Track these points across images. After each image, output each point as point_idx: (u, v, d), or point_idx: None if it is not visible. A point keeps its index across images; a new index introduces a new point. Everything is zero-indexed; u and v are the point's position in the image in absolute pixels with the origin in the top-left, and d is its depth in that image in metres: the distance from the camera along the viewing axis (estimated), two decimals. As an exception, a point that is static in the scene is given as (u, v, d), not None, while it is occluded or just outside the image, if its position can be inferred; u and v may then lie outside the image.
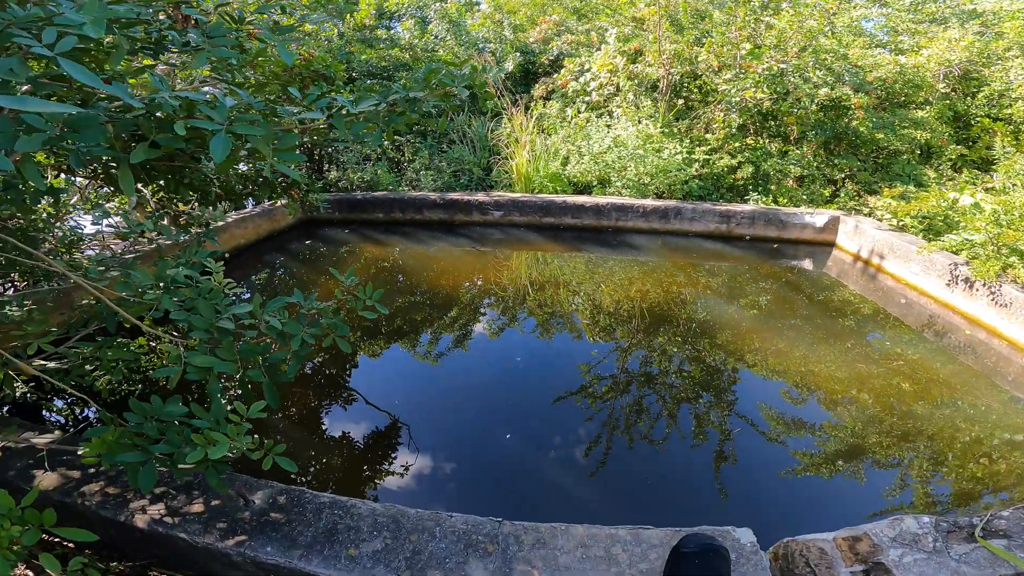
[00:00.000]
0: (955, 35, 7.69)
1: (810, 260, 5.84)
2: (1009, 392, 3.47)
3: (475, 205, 6.37)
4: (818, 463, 2.85)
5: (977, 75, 7.58)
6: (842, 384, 3.50)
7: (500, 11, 12.36)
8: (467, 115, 8.01)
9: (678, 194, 6.32)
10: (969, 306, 4.40)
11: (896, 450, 2.93)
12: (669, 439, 2.98)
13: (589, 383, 3.53)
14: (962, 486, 2.69)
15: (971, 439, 3.02)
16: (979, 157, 6.98)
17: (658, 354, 3.92)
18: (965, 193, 4.92)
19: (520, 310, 4.70)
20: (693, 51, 7.28)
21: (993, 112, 7.20)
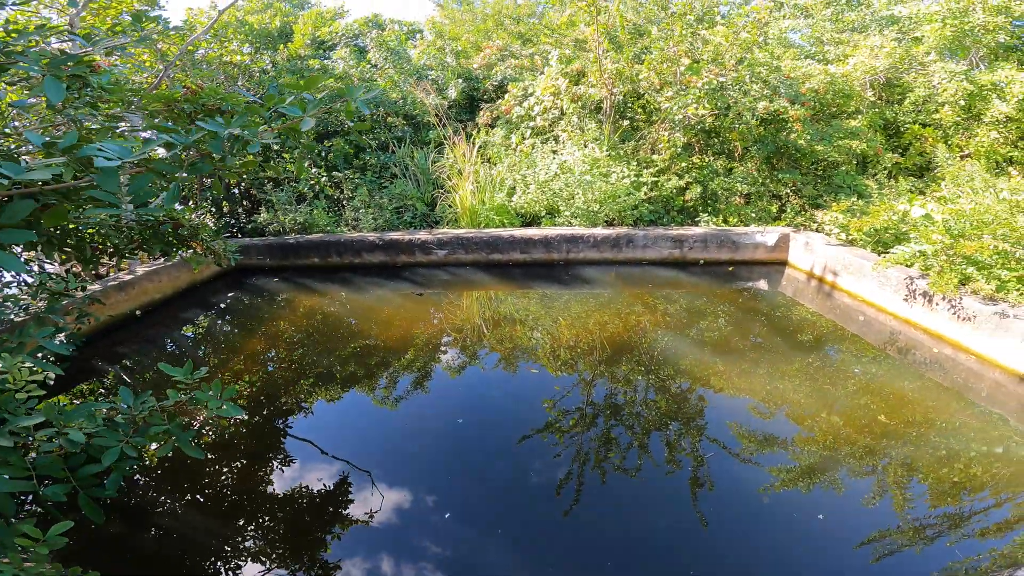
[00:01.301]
0: (877, 42, 7.82)
1: (765, 280, 5.72)
2: (983, 407, 3.37)
3: (417, 245, 5.96)
4: (795, 487, 2.72)
5: (900, 82, 7.74)
6: (811, 406, 3.39)
7: (442, 38, 12.19)
8: (409, 146, 7.65)
9: (629, 220, 6.11)
10: (930, 321, 4.30)
11: (877, 471, 2.84)
12: (641, 470, 2.86)
13: (554, 419, 3.37)
14: (951, 504, 2.62)
15: (950, 455, 2.92)
16: (913, 164, 7.11)
17: (621, 387, 3.74)
18: (915, 204, 4.88)
19: (473, 354, 4.37)
20: (634, 69, 7.20)
21: (920, 118, 7.35)
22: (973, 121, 7.07)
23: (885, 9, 9.00)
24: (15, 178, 1.38)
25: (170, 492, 2.84)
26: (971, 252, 4.08)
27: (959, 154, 6.93)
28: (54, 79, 1.67)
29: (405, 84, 8.44)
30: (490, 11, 14.23)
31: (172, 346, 4.90)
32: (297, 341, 4.70)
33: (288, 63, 9.16)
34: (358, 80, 8.75)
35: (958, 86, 6.99)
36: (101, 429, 1.79)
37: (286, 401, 3.76)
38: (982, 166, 6.55)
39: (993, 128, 6.78)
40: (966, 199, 4.72)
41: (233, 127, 1.77)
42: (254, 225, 6.89)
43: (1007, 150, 6.72)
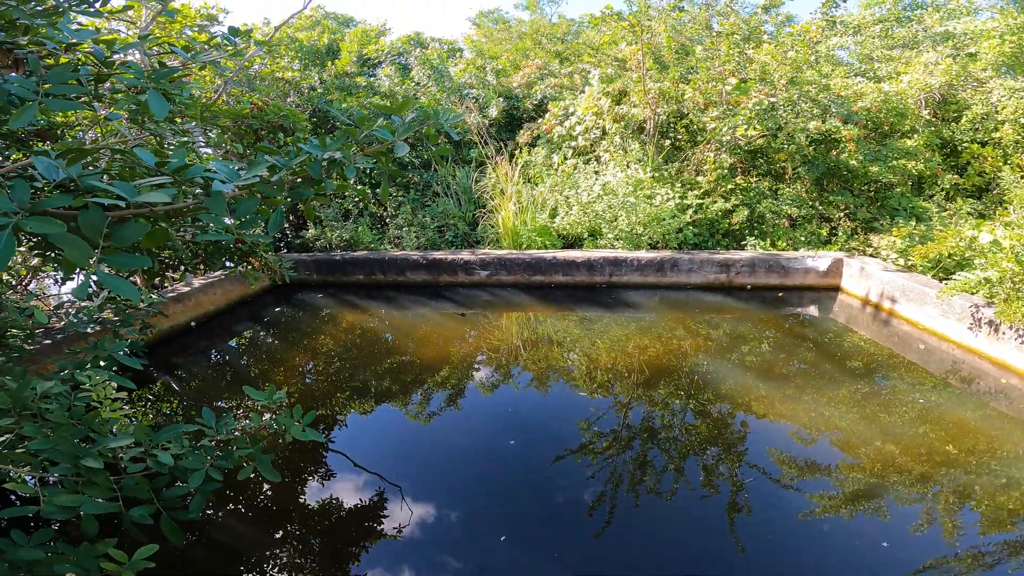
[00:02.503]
0: (931, 59, 7.56)
1: (816, 307, 5.54)
2: None
3: (460, 265, 6.02)
4: (841, 513, 2.65)
5: (956, 99, 7.45)
6: (866, 434, 3.28)
7: (482, 56, 12.40)
8: (451, 165, 7.77)
9: (673, 243, 6.04)
10: (997, 350, 4.12)
11: (935, 499, 2.75)
12: (677, 494, 2.81)
13: (589, 440, 3.35)
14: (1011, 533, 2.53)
15: (1010, 483, 2.81)
16: (972, 185, 6.80)
17: (659, 410, 3.70)
18: (983, 230, 4.67)
19: (510, 373, 4.39)
20: (679, 89, 7.14)
21: (978, 136, 7.05)
22: None
23: (938, 25, 8.71)
24: (130, 200, 1.33)
25: (209, 504, 2.90)
26: (1045, 280, 3.89)
27: (1020, 174, 6.61)
28: (157, 93, 1.68)
29: (447, 102, 8.61)
30: (527, 29, 14.40)
31: (225, 356, 5.08)
32: (338, 355, 4.81)
33: (335, 80, 9.48)
34: (402, 98, 8.97)
35: (1018, 103, 6.68)
36: (187, 451, 1.83)
37: (324, 414, 3.85)
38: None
39: (1055, 146, 6.47)
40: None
41: (331, 150, 1.78)
42: (302, 240, 7.10)
43: (1072, 169, 6.39)
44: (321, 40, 13.19)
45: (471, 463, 3.19)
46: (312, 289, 6.61)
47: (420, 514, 2.76)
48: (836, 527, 2.57)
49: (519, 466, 3.12)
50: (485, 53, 12.76)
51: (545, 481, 2.95)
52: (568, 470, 3.03)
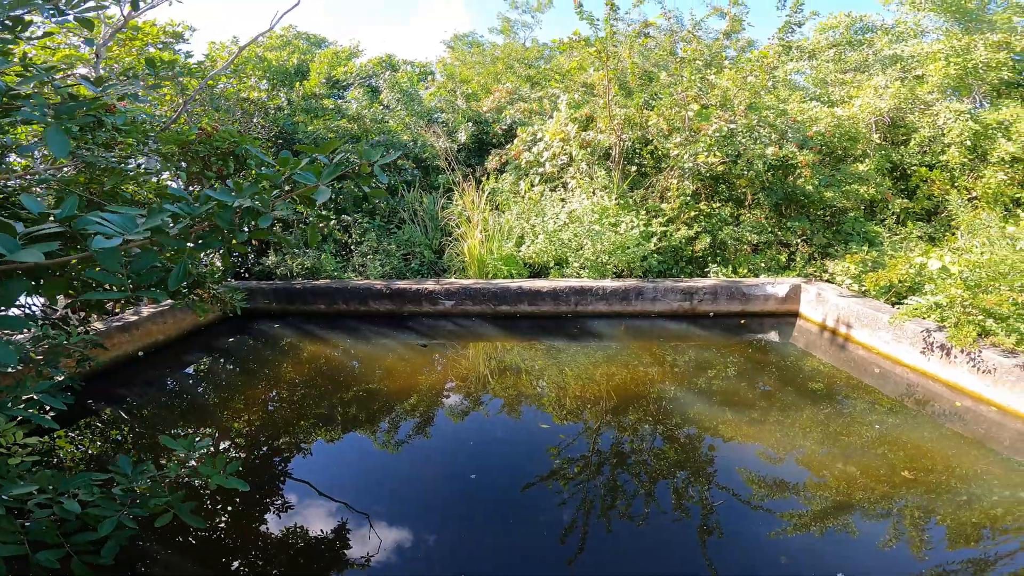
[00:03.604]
0: (881, 82, 7.75)
1: (776, 332, 5.64)
2: (1006, 455, 3.36)
3: (424, 295, 5.94)
4: (808, 533, 2.72)
5: (905, 122, 7.63)
6: (826, 456, 3.38)
7: (453, 80, 12.47)
8: (418, 191, 7.72)
9: (638, 271, 6.08)
10: (949, 373, 4.25)
11: (896, 517, 2.82)
12: (648, 518, 2.85)
13: (559, 467, 3.32)
14: (974, 548, 2.63)
15: (971, 500, 2.92)
16: (921, 208, 7.00)
17: (627, 435, 3.74)
18: (932, 256, 4.83)
19: (476, 402, 4.35)
20: (643, 115, 7.26)
21: (927, 159, 7.24)
22: (979, 162, 6.96)
23: (887, 48, 8.92)
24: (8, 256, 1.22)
25: (162, 532, 2.78)
26: (990, 305, 4.02)
27: (967, 196, 6.85)
28: (58, 131, 1.54)
29: (416, 126, 8.59)
30: (499, 53, 14.56)
31: (173, 387, 4.89)
32: (298, 387, 4.68)
33: (303, 101, 9.38)
34: (370, 121, 8.92)
35: (963, 126, 6.88)
36: (98, 499, 1.77)
37: (284, 445, 3.74)
38: (989, 209, 6.47)
39: (1000, 169, 6.69)
40: (982, 249, 4.65)
41: (244, 196, 1.68)
42: (262, 268, 6.92)
43: (1015, 191, 6.61)
44: (290, 61, 13.09)
45: (439, 491, 3.17)
46: (271, 318, 6.43)
47: (388, 543, 2.72)
48: (806, 546, 2.62)
49: (489, 493, 3.10)
50: (456, 77, 12.84)
51: (516, 508, 2.95)
52: (539, 497, 3.04)
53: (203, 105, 7.78)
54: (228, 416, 4.19)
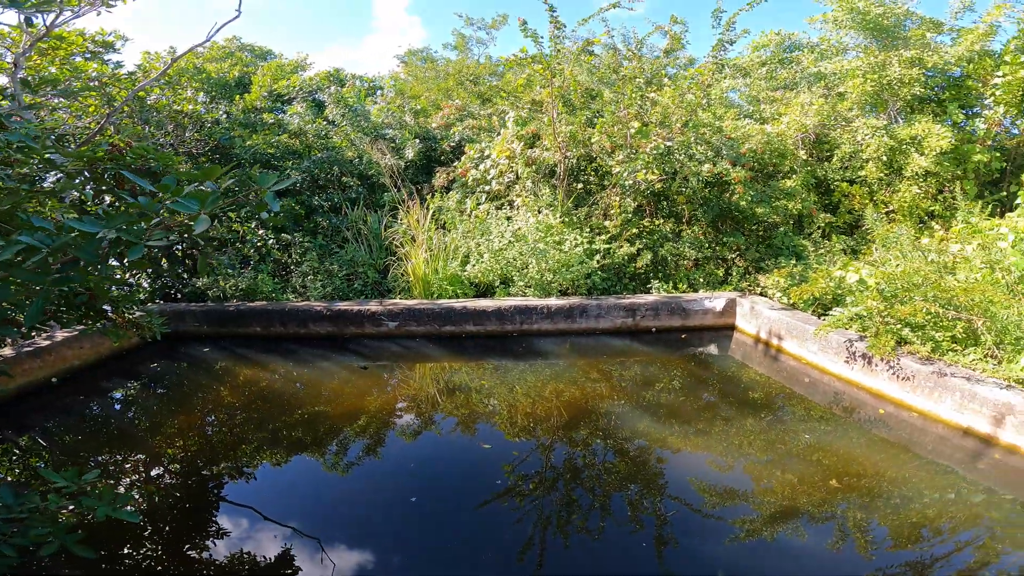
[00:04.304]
0: (806, 100, 8.08)
1: (715, 346, 5.82)
2: (930, 459, 3.56)
3: (367, 316, 5.79)
4: (759, 538, 2.82)
5: (828, 138, 7.94)
6: (765, 464, 3.52)
7: (402, 96, 12.36)
8: (362, 209, 7.56)
9: (582, 289, 6.15)
10: (872, 381, 4.46)
11: (835, 520, 2.95)
12: (605, 531, 2.90)
13: (514, 484, 3.33)
14: (912, 547, 2.77)
15: (904, 502, 3.09)
16: (843, 222, 7.37)
17: (579, 451, 3.78)
18: (850, 270, 5.10)
19: (427, 423, 4.31)
20: (586, 132, 7.39)
21: (848, 175, 7.58)
22: (895, 176, 7.37)
23: (813, 66, 9.28)
24: None
25: (90, 567, 2.59)
26: (905, 315, 4.25)
27: (884, 210, 7.28)
28: None
29: (362, 143, 8.43)
30: (452, 70, 14.59)
31: (87, 414, 4.59)
32: (232, 412, 4.48)
33: (243, 115, 9.06)
34: (313, 137, 8.70)
35: (879, 141, 7.24)
36: None
37: (222, 471, 3.61)
38: (905, 221, 6.92)
39: (914, 183, 7.16)
40: (896, 262, 4.95)
41: (111, 226, 1.53)
42: (191, 289, 6.56)
43: (928, 204, 7.08)
44: (231, 73, 12.67)
45: (391, 513, 3.12)
46: (202, 342, 6.09)
47: (344, 567, 2.67)
48: (757, 551, 2.71)
49: (444, 514, 3.06)
50: (405, 92, 12.76)
51: (472, 527, 2.95)
52: (495, 515, 3.04)
53: (132, 117, 7.39)
54: (151, 443, 3.98)
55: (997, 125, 7.52)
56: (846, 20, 8.07)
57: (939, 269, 4.34)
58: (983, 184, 7.42)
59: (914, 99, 7.82)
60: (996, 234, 4.38)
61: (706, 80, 7.37)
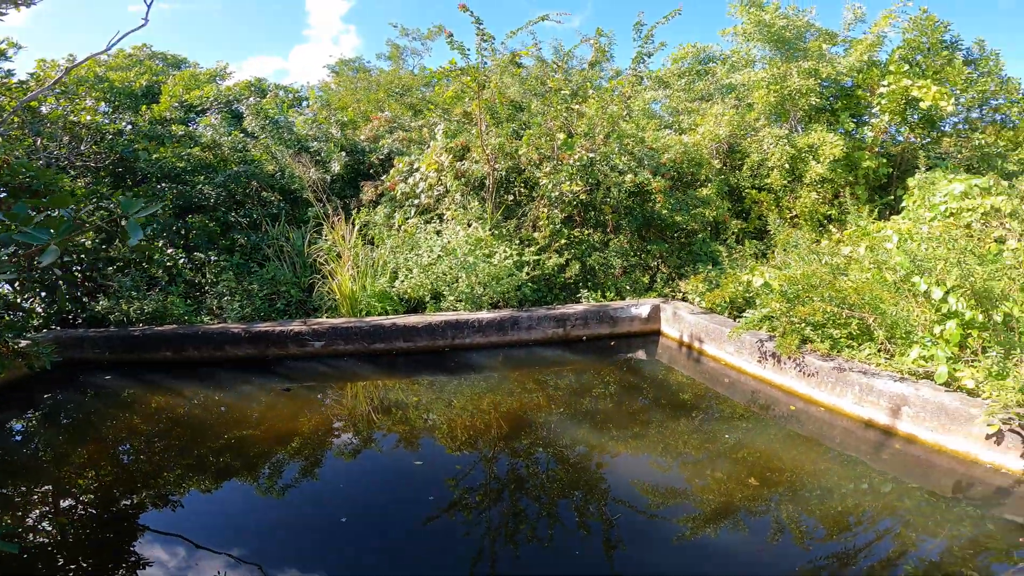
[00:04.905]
0: (719, 111, 8.51)
1: (643, 351, 6.02)
2: (839, 451, 3.80)
3: (290, 337, 5.51)
4: (702, 535, 2.92)
5: (739, 148, 8.39)
6: (696, 463, 3.67)
7: (328, 108, 12.00)
8: (284, 225, 7.23)
9: (513, 301, 6.19)
10: (782, 379, 4.72)
11: (764, 514, 3.11)
12: (554, 539, 2.92)
13: (459, 498, 3.31)
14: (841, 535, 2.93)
15: (824, 494, 3.24)
16: (754, 228, 7.81)
17: (522, 461, 3.79)
18: (756, 274, 5.43)
19: (366, 441, 4.19)
20: (513, 144, 7.45)
21: (757, 182, 8.05)
22: (797, 183, 7.86)
23: (725, 78, 9.71)
24: None
25: None
26: (805, 315, 4.56)
27: (789, 216, 7.83)
28: None
29: (284, 156, 8.08)
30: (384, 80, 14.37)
31: None
32: (150, 441, 4.21)
33: (149, 126, 8.44)
34: (229, 150, 8.24)
35: (782, 150, 7.73)
36: None
37: (141, 502, 3.40)
38: (807, 226, 7.47)
39: (813, 189, 7.74)
40: (796, 265, 5.32)
41: None
42: (90, 314, 6.00)
43: (826, 209, 7.68)
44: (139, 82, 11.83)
45: (334, 535, 3.00)
46: (105, 370, 5.57)
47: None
48: (703, 549, 2.81)
49: (392, 530, 2.99)
50: (332, 104, 12.43)
51: (420, 543, 2.92)
52: (443, 528, 3.01)
53: (23, 128, 6.72)
54: (58, 474, 3.73)
55: (883, 132, 8.28)
56: (754, 32, 8.52)
57: (833, 271, 4.70)
58: (873, 189, 8.14)
59: (811, 109, 8.39)
60: (883, 236, 4.82)
61: (626, 92, 7.64)
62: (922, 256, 4.29)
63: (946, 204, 4.95)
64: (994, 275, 3.81)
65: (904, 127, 8.35)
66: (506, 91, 9.53)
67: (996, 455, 3.36)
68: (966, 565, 2.51)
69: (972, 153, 8.05)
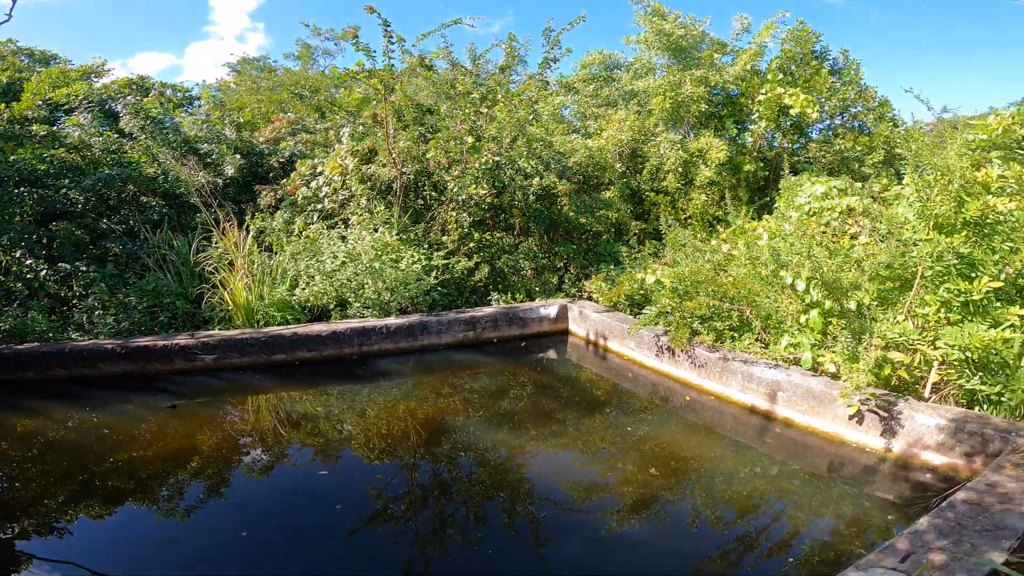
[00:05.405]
0: (622, 116, 8.91)
1: (553, 351, 6.18)
2: (731, 437, 4.07)
3: (175, 351, 5.06)
4: (629, 525, 3.02)
5: (641, 152, 8.84)
6: (607, 456, 3.79)
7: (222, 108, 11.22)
8: (167, 232, 6.64)
9: (422, 306, 6.11)
10: (678, 371, 5.02)
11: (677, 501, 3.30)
12: (484, 541, 2.94)
13: (383, 507, 3.21)
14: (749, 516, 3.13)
15: (728, 485, 3.43)
16: (653, 229, 8.23)
17: (444, 466, 3.76)
18: (648, 272, 5.75)
19: (277, 456, 3.95)
20: (420, 148, 7.37)
21: (655, 185, 8.53)
22: (689, 186, 8.41)
23: (629, 84, 10.16)
24: None
25: None
26: (692, 310, 4.89)
27: (683, 217, 8.39)
28: None
29: (168, 158, 7.43)
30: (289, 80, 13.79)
31: None
32: (21, 467, 3.81)
33: (7, 126, 7.42)
34: (100, 151, 7.43)
35: (676, 154, 8.23)
36: None
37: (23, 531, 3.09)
38: (699, 226, 8.04)
39: (702, 192, 8.35)
40: (684, 263, 5.71)
41: None
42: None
43: (714, 210, 8.31)
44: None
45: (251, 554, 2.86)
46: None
47: None
48: (629, 539, 2.91)
49: (313, 546, 2.87)
50: (228, 104, 11.66)
51: (344, 558, 2.82)
52: (369, 540, 2.94)
53: None
54: None
55: (760, 138, 9.14)
56: (655, 41, 9.08)
57: (715, 267, 5.10)
58: (753, 191, 8.94)
59: (702, 115, 9.07)
60: (755, 234, 5.31)
61: (534, 96, 7.81)
62: (783, 251, 4.77)
63: (809, 204, 5.54)
64: (842, 266, 4.29)
65: (778, 133, 9.25)
66: (419, 94, 9.43)
67: (860, 435, 3.67)
68: (853, 543, 2.72)
69: (834, 157, 9.06)
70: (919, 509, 2.87)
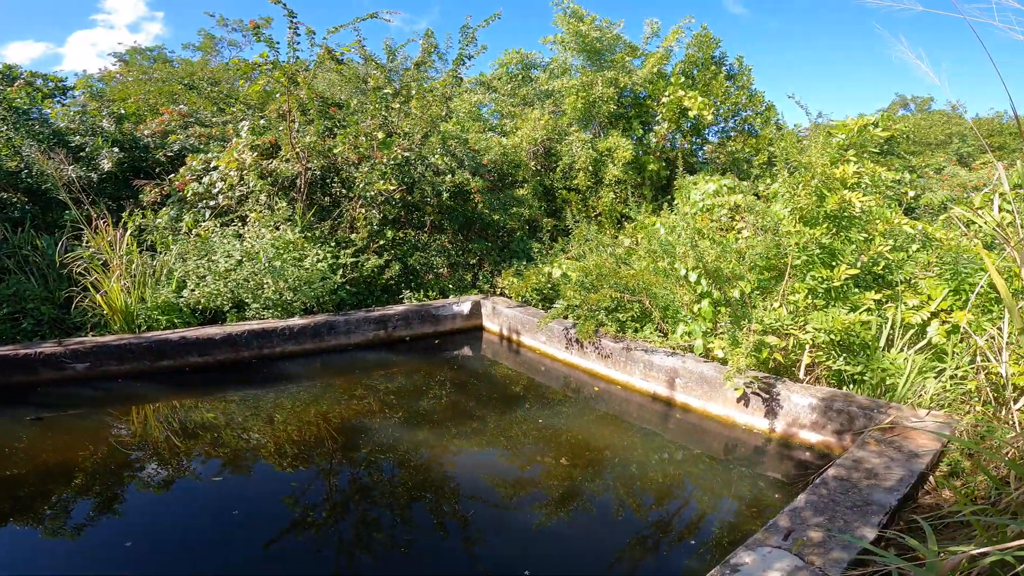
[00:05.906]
0: (537, 115, 9.13)
1: (468, 347, 6.18)
2: (638, 425, 4.25)
3: (40, 361, 4.49)
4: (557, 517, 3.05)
5: (555, 151, 9.09)
6: (536, 451, 3.82)
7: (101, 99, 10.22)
8: (29, 231, 5.88)
9: (329, 305, 5.86)
10: (586, 362, 5.19)
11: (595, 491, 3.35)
12: (412, 544, 2.89)
13: (301, 516, 3.06)
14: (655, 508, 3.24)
15: (644, 468, 3.59)
16: (565, 226, 8.53)
17: (364, 470, 3.63)
18: (555, 266, 5.92)
19: (178, 470, 3.61)
20: (326, 143, 7.07)
21: (567, 183, 8.79)
22: (599, 184, 8.78)
23: (545, 84, 10.42)
24: None
25: None
26: (597, 302, 5.08)
27: (593, 213, 8.71)
28: None
29: (32, 150, 6.58)
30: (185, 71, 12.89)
31: None
32: None
33: None
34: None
35: (587, 153, 8.53)
36: None
37: None
38: (608, 223, 8.39)
39: (611, 189, 8.72)
40: (590, 257, 5.92)
41: None
42: None
43: (621, 207, 8.69)
44: None
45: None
46: None
47: None
48: (559, 532, 2.94)
49: (229, 560, 2.72)
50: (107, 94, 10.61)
51: (265, 570, 2.67)
52: (288, 551, 2.78)
53: None
54: None
55: (664, 139, 9.69)
56: (571, 42, 9.34)
57: (617, 260, 5.34)
58: (657, 189, 9.46)
59: (611, 116, 9.45)
60: (655, 229, 5.62)
61: (447, 93, 7.74)
62: (672, 243, 5.09)
63: (703, 201, 5.93)
64: (722, 256, 4.65)
65: (679, 134, 9.86)
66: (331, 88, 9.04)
67: (747, 416, 3.92)
68: (754, 523, 2.86)
69: (727, 158, 9.81)
70: (801, 487, 3.10)
